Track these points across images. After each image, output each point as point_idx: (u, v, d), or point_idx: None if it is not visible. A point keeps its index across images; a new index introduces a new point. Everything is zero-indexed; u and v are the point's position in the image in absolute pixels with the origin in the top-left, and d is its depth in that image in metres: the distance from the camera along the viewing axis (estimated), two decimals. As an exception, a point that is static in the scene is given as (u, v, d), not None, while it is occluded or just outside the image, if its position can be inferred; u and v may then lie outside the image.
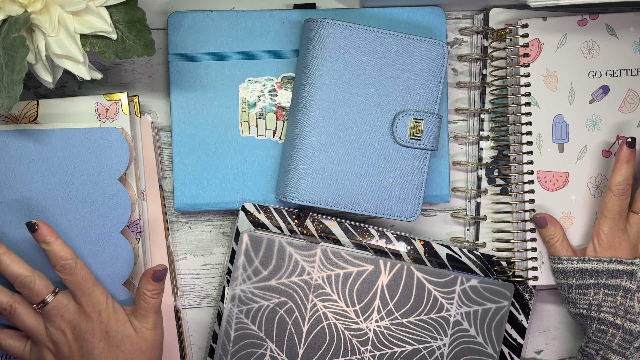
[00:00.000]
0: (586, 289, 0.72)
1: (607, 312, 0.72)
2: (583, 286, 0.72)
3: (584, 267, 0.72)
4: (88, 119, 0.71)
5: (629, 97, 0.76)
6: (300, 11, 0.75)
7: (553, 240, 0.74)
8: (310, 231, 0.76)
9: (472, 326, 0.75)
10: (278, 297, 0.74)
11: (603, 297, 0.72)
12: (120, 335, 0.67)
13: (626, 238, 0.73)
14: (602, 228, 0.73)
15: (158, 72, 0.77)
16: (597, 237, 0.73)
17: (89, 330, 0.66)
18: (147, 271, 0.67)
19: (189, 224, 0.78)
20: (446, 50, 0.72)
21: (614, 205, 0.72)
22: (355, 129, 0.72)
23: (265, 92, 0.75)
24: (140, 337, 0.68)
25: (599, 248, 0.73)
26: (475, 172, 0.79)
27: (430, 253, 0.77)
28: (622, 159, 0.72)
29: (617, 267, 0.72)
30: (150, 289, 0.67)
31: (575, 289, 0.73)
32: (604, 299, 0.72)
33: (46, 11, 0.61)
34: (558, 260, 0.73)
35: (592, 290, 0.72)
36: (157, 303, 0.68)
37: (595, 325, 0.72)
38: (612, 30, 0.76)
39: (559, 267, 0.73)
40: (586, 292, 0.72)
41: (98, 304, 0.67)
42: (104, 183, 0.69)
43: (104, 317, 0.67)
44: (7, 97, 0.60)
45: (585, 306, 0.73)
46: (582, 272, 0.72)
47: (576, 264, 0.73)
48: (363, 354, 0.75)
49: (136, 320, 0.68)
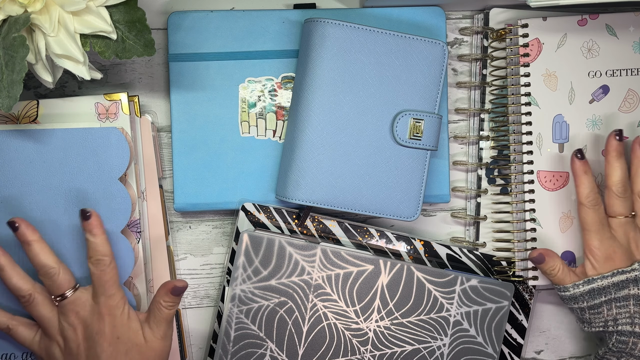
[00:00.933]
0: (599, 307, 0.72)
1: (624, 323, 0.71)
2: (595, 306, 0.72)
3: (590, 288, 0.72)
4: (88, 119, 0.71)
5: (629, 97, 0.76)
6: (300, 11, 0.75)
7: (554, 271, 0.73)
8: (310, 231, 0.76)
9: (472, 326, 0.75)
10: (278, 297, 0.74)
11: (617, 311, 0.71)
12: (131, 343, 0.67)
13: (617, 244, 0.72)
14: (592, 243, 0.72)
15: (158, 72, 0.77)
16: (590, 254, 0.72)
17: (100, 331, 0.66)
18: (168, 283, 0.67)
19: (189, 224, 0.78)
20: (446, 50, 0.72)
21: (592, 218, 0.71)
22: (355, 129, 0.72)
23: (265, 92, 0.75)
24: (149, 346, 0.68)
25: (597, 264, 0.72)
26: (475, 172, 0.79)
27: (430, 253, 0.77)
28: (578, 172, 0.72)
29: (621, 277, 0.71)
30: (167, 301, 0.67)
31: (588, 310, 0.72)
32: (618, 312, 0.71)
33: (46, 11, 0.61)
34: (564, 288, 0.73)
35: (604, 308, 0.72)
36: (171, 315, 0.68)
37: (615, 337, 0.72)
38: (612, 30, 0.76)
39: (567, 294, 0.73)
40: (599, 311, 0.72)
41: (115, 308, 0.67)
42: (105, 183, 0.69)
43: (117, 322, 0.67)
44: (7, 97, 0.60)
45: (602, 324, 0.72)
46: (591, 293, 0.72)
47: (582, 288, 0.72)
48: (363, 354, 0.75)
49: (148, 327, 0.68)
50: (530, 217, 0.76)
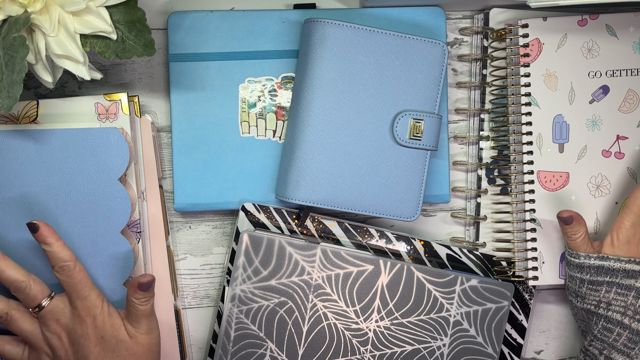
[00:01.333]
0: (599, 285, 0.71)
1: (616, 310, 0.71)
2: (596, 282, 0.71)
3: (600, 264, 0.71)
4: (88, 119, 0.71)
5: (629, 97, 0.76)
6: (300, 11, 0.75)
7: (575, 235, 0.72)
8: (310, 231, 0.76)
9: (472, 326, 0.75)
10: (278, 297, 0.74)
11: (614, 296, 0.71)
12: (115, 340, 0.67)
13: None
14: (624, 222, 0.71)
15: (158, 72, 0.77)
16: (617, 230, 0.72)
17: (84, 334, 0.66)
18: (133, 281, 0.66)
19: (189, 224, 0.78)
20: (446, 50, 0.72)
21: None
22: (355, 129, 0.72)
23: (265, 92, 0.75)
24: (135, 341, 0.67)
25: (617, 242, 0.71)
26: (475, 172, 0.79)
27: (430, 253, 0.77)
28: None
29: (635, 267, 0.71)
30: (138, 297, 0.67)
31: (587, 284, 0.72)
32: (614, 298, 0.71)
33: (46, 11, 0.61)
34: (576, 255, 0.72)
35: (604, 288, 0.71)
36: (148, 309, 0.67)
37: (601, 323, 0.71)
38: (612, 31, 0.76)
39: (576, 261, 0.72)
40: (598, 289, 0.71)
41: (93, 308, 0.66)
42: (104, 183, 0.69)
43: (99, 322, 0.66)
44: (7, 97, 0.60)
45: (594, 302, 0.72)
46: (598, 269, 0.71)
47: (593, 261, 0.71)
48: (363, 354, 0.75)
49: (129, 325, 0.68)
50: (530, 217, 0.76)
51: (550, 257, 0.76)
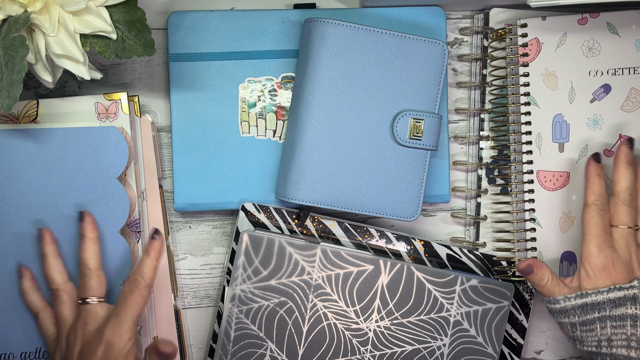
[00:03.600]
0: (591, 324, 0.67)
1: (620, 345, 0.66)
2: (587, 322, 0.67)
3: (583, 302, 0.67)
4: (88, 118, 0.71)
5: (631, 95, 0.76)
6: (300, 11, 0.75)
7: (543, 282, 0.69)
8: (310, 231, 0.76)
9: (472, 326, 0.75)
10: (278, 297, 0.74)
11: (612, 330, 0.66)
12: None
13: (617, 256, 0.68)
14: (590, 250, 0.68)
15: (158, 72, 0.77)
16: (587, 261, 0.68)
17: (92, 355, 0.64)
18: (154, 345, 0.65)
19: (189, 224, 0.78)
20: (446, 50, 0.72)
21: (596, 222, 0.68)
22: (355, 129, 0.72)
23: (265, 92, 0.75)
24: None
25: (593, 273, 0.68)
26: (475, 172, 0.78)
27: (430, 253, 0.77)
28: (592, 174, 0.70)
29: (618, 294, 0.67)
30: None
31: (579, 326, 0.68)
32: (613, 332, 0.66)
33: (46, 11, 0.61)
34: (554, 300, 0.68)
35: (597, 325, 0.67)
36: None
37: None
38: (613, 29, 0.75)
39: (557, 307, 0.68)
40: (592, 328, 0.67)
41: (118, 337, 0.64)
42: (103, 182, 0.69)
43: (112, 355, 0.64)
44: (7, 97, 0.60)
45: (594, 343, 0.67)
46: (583, 308, 0.67)
47: (574, 301, 0.67)
48: (363, 354, 0.74)
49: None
50: (530, 217, 0.75)
51: (550, 257, 0.76)
